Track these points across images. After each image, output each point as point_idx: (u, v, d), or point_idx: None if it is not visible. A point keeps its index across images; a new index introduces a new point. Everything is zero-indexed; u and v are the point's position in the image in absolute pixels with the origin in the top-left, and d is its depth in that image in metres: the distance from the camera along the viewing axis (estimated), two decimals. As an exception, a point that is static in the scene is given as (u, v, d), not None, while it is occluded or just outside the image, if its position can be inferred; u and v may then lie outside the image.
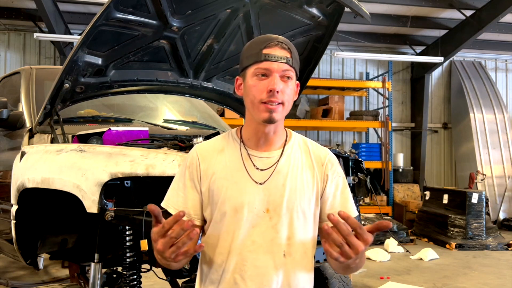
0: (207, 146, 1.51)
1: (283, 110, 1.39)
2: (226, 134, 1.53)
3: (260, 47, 1.38)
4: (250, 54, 1.41)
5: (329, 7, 2.77)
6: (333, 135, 10.15)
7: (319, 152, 1.50)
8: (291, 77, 1.40)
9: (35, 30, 8.59)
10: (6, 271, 5.09)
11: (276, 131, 1.45)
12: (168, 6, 2.56)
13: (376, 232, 1.21)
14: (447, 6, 8.27)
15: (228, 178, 1.42)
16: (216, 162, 1.45)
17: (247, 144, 1.47)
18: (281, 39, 1.41)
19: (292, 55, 1.40)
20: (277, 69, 1.37)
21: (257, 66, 1.38)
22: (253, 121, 1.43)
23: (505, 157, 9.66)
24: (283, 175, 1.42)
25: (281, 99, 1.37)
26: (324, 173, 1.46)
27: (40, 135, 2.80)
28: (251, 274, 1.38)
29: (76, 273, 3.23)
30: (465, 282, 5.22)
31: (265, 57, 1.37)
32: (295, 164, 1.44)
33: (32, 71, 3.37)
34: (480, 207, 7.21)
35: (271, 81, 1.36)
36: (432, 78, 10.43)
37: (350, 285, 3.45)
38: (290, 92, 1.40)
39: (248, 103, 1.42)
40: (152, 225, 1.23)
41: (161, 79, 3.07)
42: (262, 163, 1.43)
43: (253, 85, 1.38)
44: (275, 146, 1.46)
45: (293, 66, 1.40)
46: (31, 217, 2.66)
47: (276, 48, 1.38)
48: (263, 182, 1.41)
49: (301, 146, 1.50)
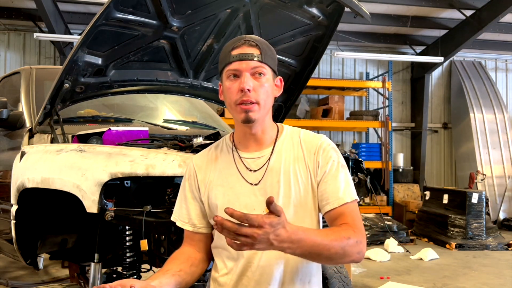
0: (202, 156, 1.53)
1: (261, 109, 1.38)
2: (221, 141, 1.54)
3: (229, 49, 1.40)
4: (222, 57, 1.42)
5: (329, 7, 2.77)
6: (333, 135, 10.14)
7: (310, 141, 1.47)
8: (264, 73, 1.39)
9: (35, 30, 8.59)
10: (6, 271, 5.09)
11: (264, 129, 1.45)
12: (168, 6, 2.56)
13: (270, 207, 1.15)
14: (447, 6, 8.26)
15: (224, 184, 1.43)
16: (211, 171, 1.47)
17: (238, 147, 1.48)
18: (248, 37, 1.41)
19: (261, 51, 1.39)
20: (245, 67, 1.37)
21: (227, 68, 1.39)
22: (238, 124, 1.44)
23: (505, 157, 9.66)
24: (275, 172, 1.42)
25: (255, 98, 1.36)
26: (316, 160, 1.43)
27: (40, 135, 2.80)
28: (257, 273, 1.39)
29: (76, 273, 3.23)
30: (465, 282, 5.22)
31: (233, 58, 1.37)
32: (286, 159, 1.44)
33: (32, 71, 3.37)
34: (480, 207, 7.21)
35: (241, 81, 1.36)
36: (432, 78, 10.42)
37: (350, 285, 3.45)
38: (264, 89, 1.39)
39: (228, 107, 1.43)
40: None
41: (161, 79, 3.07)
42: (254, 164, 1.44)
43: (227, 88, 1.40)
44: (265, 144, 1.46)
45: (264, 62, 1.39)
46: (31, 217, 2.66)
47: (244, 47, 1.38)
48: (258, 183, 1.41)
49: (293, 139, 1.48)
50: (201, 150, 1.59)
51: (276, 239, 1.17)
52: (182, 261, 1.43)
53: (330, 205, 1.40)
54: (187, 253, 1.47)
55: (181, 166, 1.99)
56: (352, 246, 1.29)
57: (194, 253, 1.47)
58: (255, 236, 1.14)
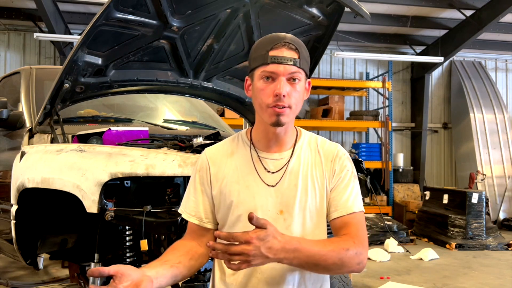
0: (216, 149, 1.50)
1: (291, 113, 1.37)
2: (236, 136, 1.51)
3: (267, 49, 1.35)
4: (257, 55, 1.37)
5: (329, 7, 2.77)
6: (333, 135, 10.14)
7: (328, 148, 1.47)
8: (299, 78, 1.37)
9: (35, 30, 8.59)
10: (6, 271, 5.09)
11: (287, 131, 1.43)
12: (168, 6, 2.56)
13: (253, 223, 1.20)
14: (447, 6, 8.26)
15: (240, 182, 1.41)
16: (226, 166, 1.45)
17: (257, 146, 1.45)
18: (288, 38, 1.37)
19: (300, 55, 1.36)
20: (283, 72, 1.33)
21: (263, 68, 1.34)
22: (262, 123, 1.42)
23: (505, 157, 9.66)
24: (294, 175, 1.41)
25: (288, 103, 1.34)
26: (332, 168, 1.43)
27: (40, 135, 2.80)
28: (268, 276, 1.37)
29: (76, 273, 3.23)
30: (465, 282, 5.22)
31: (272, 59, 1.33)
32: (305, 163, 1.43)
33: (32, 71, 3.37)
34: (480, 207, 7.21)
35: (277, 85, 1.32)
36: (432, 78, 10.43)
37: (350, 285, 3.45)
38: (298, 94, 1.37)
39: (257, 106, 1.40)
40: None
41: (161, 79, 3.07)
42: (273, 165, 1.42)
43: (260, 89, 1.36)
44: (286, 147, 1.45)
45: (301, 67, 1.36)
46: (31, 217, 2.66)
47: (283, 49, 1.34)
48: (275, 185, 1.40)
49: (310, 144, 1.47)
50: (201, 151, 1.57)
51: (269, 252, 1.18)
52: (183, 253, 1.41)
53: (338, 213, 1.40)
54: (188, 245, 1.44)
55: (181, 166, 1.99)
56: (351, 258, 1.30)
57: (195, 247, 1.44)
58: (246, 252, 1.16)
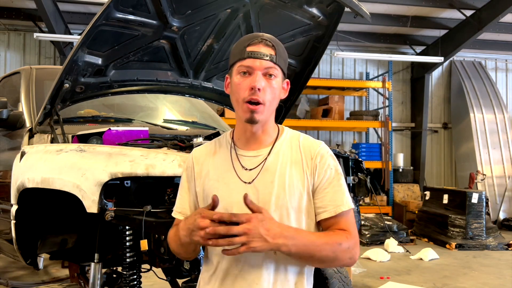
0: (201, 149, 1.55)
1: (266, 110, 1.39)
2: (222, 136, 1.55)
3: (244, 45, 1.39)
4: (235, 52, 1.42)
5: (329, 7, 2.77)
6: (333, 135, 10.15)
7: (309, 146, 1.46)
8: (275, 75, 1.40)
9: (35, 30, 8.59)
10: (6, 271, 5.09)
11: (265, 129, 1.45)
12: (168, 6, 2.56)
13: (249, 205, 1.27)
14: (447, 6, 8.27)
15: (219, 179, 1.44)
16: (209, 164, 1.48)
17: (237, 144, 1.48)
18: (266, 36, 1.41)
19: (276, 52, 1.39)
20: (259, 66, 1.37)
21: (240, 63, 1.39)
22: (241, 121, 1.44)
23: (505, 157, 9.66)
24: (271, 172, 1.41)
25: (262, 98, 1.36)
26: (313, 167, 1.43)
27: (40, 135, 2.80)
28: (244, 273, 1.38)
29: (76, 273, 3.24)
30: (465, 282, 5.22)
31: (248, 54, 1.37)
32: (283, 161, 1.43)
33: (32, 71, 3.37)
34: (480, 207, 7.22)
35: (253, 79, 1.36)
36: (432, 78, 10.43)
37: (350, 285, 3.45)
38: (273, 90, 1.39)
39: (234, 102, 1.43)
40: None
41: (161, 79, 3.07)
42: (250, 163, 1.44)
43: (237, 83, 1.39)
44: (264, 144, 1.46)
45: (277, 64, 1.39)
46: (31, 217, 2.66)
47: (260, 46, 1.38)
48: (251, 181, 1.41)
49: (292, 142, 1.48)
50: None
51: (268, 234, 1.23)
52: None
53: (327, 213, 1.40)
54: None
55: (181, 166, 1.99)
56: (343, 252, 1.34)
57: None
58: (247, 231, 1.21)
